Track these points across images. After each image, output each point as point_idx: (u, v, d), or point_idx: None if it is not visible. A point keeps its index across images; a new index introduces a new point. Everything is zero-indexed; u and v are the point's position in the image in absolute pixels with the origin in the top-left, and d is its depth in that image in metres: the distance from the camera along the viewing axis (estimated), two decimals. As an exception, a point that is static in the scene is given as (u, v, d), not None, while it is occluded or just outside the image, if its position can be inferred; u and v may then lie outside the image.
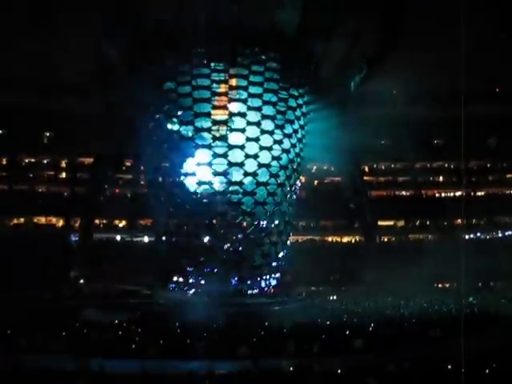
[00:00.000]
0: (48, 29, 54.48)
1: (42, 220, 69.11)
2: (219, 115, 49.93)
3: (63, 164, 72.81)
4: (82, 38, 54.16)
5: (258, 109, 49.13)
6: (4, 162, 71.40)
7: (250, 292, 49.65)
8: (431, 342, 27.02)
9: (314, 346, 25.43)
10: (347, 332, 28.79)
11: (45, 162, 72.27)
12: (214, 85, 49.06)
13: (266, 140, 49.27)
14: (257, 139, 48.84)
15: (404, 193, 76.13)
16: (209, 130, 49.33)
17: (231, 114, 49.45)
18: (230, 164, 48.67)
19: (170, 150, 51.14)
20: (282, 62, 50.42)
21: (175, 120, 50.40)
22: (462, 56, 34.71)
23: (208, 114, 49.23)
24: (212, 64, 48.98)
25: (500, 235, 71.23)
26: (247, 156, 48.60)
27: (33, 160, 72.02)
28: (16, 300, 41.55)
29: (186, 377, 20.21)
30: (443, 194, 75.13)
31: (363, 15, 51.89)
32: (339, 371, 20.30)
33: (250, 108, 48.96)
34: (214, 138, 49.34)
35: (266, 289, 51.37)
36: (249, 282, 50.27)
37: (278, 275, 52.81)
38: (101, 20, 50.48)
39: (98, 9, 49.58)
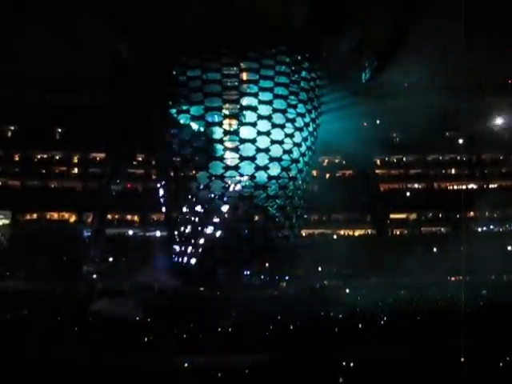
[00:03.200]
0: (62, 27, 54.81)
1: (55, 215, 69.47)
2: (230, 109, 49.90)
3: (75, 159, 73.08)
4: (95, 36, 54.39)
5: (269, 103, 49.04)
6: (16, 157, 71.70)
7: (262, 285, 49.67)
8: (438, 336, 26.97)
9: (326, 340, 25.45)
10: (359, 325, 28.81)
11: (57, 157, 72.53)
12: (225, 79, 49.01)
13: (278, 134, 49.19)
14: (268, 133, 48.76)
15: (416, 185, 75.81)
16: (220, 124, 49.34)
17: (242, 108, 49.39)
18: (242, 158, 48.63)
19: (181, 144, 51.26)
20: (292, 56, 50.30)
21: (186, 114, 50.40)
22: (460, 50, 34.56)
23: (219, 109, 49.21)
24: (222, 58, 48.88)
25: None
26: (258, 150, 48.54)
27: (45, 156, 72.30)
28: (30, 294, 41.99)
29: (198, 370, 20.30)
30: (455, 187, 74.69)
31: (374, 9, 51.64)
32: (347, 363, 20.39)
33: (260, 102, 48.87)
34: (226, 132, 49.36)
35: (278, 282, 51.36)
36: (261, 276, 50.32)
37: (289, 268, 52.77)
38: (114, 18, 50.69)
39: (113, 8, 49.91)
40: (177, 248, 52.73)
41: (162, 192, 53.40)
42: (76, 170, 73.05)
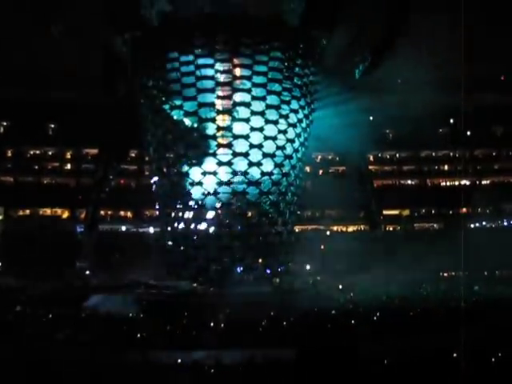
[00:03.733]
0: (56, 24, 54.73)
1: (48, 211, 69.26)
2: (223, 105, 49.82)
3: (68, 155, 72.85)
4: (89, 32, 54.29)
5: (263, 98, 49.02)
6: (9, 153, 71.35)
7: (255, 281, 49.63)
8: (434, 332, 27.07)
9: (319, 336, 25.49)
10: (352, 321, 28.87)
11: (50, 153, 72.23)
12: (218, 75, 48.95)
13: (271, 130, 49.16)
14: (261, 129, 48.74)
15: (409, 182, 75.87)
16: (213, 120, 49.26)
17: (235, 104, 49.33)
18: (235, 154, 48.61)
19: (174, 140, 51.22)
20: (285, 52, 50.25)
21: (180, 110, 50.29)
22: (461, 46, 34.44)
23: (212, 105, 49.15)
24: (216, 54, 48.79)
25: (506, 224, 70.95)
26: (251, 146, 48.51)
27: (37, 152, 71.99)
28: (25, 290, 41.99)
29: (191, 367, 20.31)
30: (448, 183, 74.75)
31: (368, 4, 51.64)
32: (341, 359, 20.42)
33: (254, 98, 48.82)
34: (219, 128, 49.31)
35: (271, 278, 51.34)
36: (254, 272, 50.28)
37: (283, 264, 52.77)
38: (107, 13, 50.60)
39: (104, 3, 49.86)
40: (170, 244, 52.66)
41: (155, 188, 53.32)
42: (69, 166, 72.82)
